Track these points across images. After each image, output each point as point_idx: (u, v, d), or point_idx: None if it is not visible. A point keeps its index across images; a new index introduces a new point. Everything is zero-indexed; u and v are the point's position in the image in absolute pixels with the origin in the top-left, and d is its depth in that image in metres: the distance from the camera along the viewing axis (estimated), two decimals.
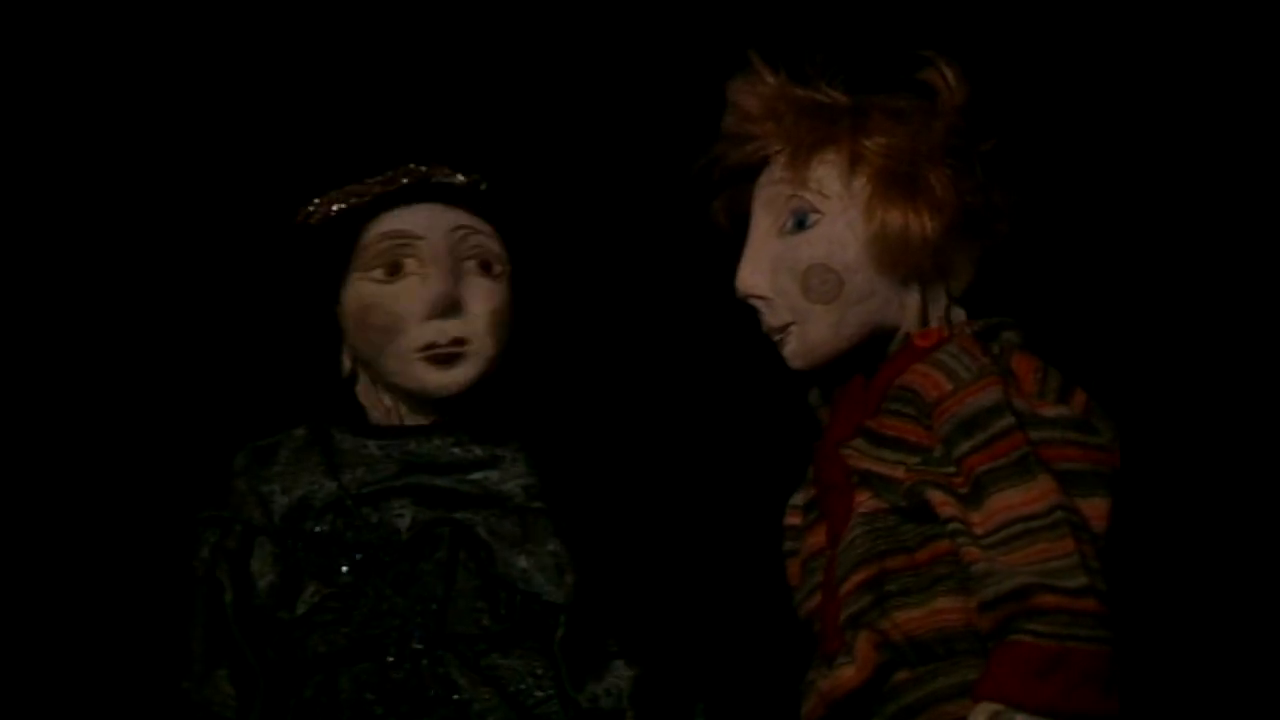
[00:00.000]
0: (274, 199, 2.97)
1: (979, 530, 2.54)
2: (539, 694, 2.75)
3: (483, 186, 2.90)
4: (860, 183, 2.70)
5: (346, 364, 2.89)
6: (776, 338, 2.75)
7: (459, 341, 2.82)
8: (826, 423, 2.79)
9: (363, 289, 2.84)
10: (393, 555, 2.77)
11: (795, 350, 2.73)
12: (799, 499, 2.82)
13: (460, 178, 2.88)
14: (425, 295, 2.80)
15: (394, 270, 2.83)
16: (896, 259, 2.69)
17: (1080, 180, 3.06)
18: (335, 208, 2.85)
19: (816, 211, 2.71)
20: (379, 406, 2.88)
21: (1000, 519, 2.53)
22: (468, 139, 3.06)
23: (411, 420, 2.87)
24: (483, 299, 2.84)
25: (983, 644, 2.54)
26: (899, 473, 2.62)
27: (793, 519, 2.82)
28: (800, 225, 2.71)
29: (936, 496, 2.58)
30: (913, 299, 2.72)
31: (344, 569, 2.77)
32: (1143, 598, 2.44)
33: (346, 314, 2.86)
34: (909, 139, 2.71)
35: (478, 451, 2.85)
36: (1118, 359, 2.77)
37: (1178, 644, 3.01)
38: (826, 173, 2.71)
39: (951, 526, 2.56)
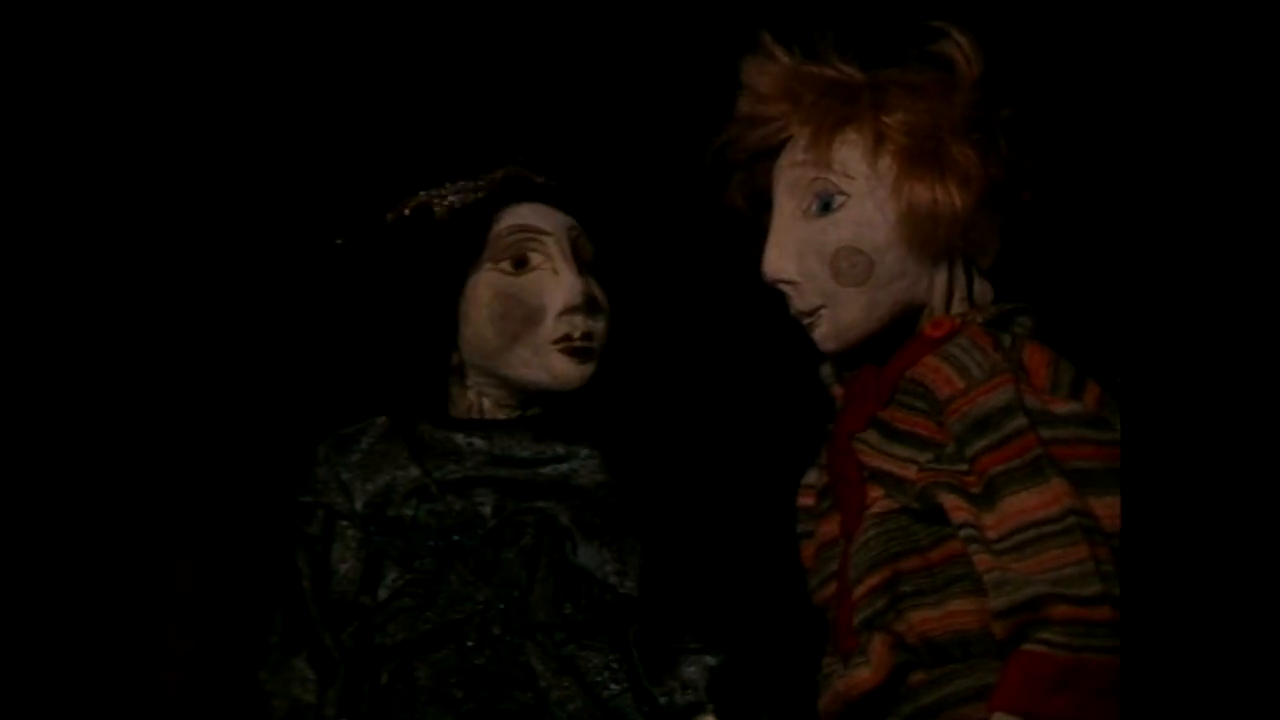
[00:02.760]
0: (357, 197, 3.00)
1: (992, 534, 2.51)
2: (614, 687, 2.76)
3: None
4: (886, 162, 2.66)
5: (456, 356, 2.90)
6: (806, 321, 2.71)
7: (588, 336, 2.86)
8: (839, 406, 2.76)
9: (496, 280, 2.86)
10: (476, 542, 2.80)
11: (826, 333, 2.70)
12: (812, 478, 2.79)
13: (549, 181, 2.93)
14: (566, 289, 2.84)
15: (520, 263, 2.86)
16: (927, 237, 2.66)
17: (1100, 153, 3.00)
18: (458, 201, 2.88)
19: (842, 193, 2.67)
20: (463, 400, 2.90)
21: (1013, 523, 2.50)
22: (540, 143, 3.07)
23: (493, 415, 2.89)
24: (603, 298, 2.89)
25: (999, 646, 2.50)
26: (910, 472, 2.58)
27: (806, 499, 2.80)
28: (826, 208, 2.67)
29: (949, 500, 2.54)
30: (941, 275, 2.69)
31: (427, 555, 2.80)
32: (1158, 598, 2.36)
33: (477, 304, 2.87)
34: (930, 114, 2.67)
35: (558, 449, 2.87)
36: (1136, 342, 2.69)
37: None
38: (850, 153, 2.67)
39: (965, 532, 2.53)
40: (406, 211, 2.89)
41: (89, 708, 3.18)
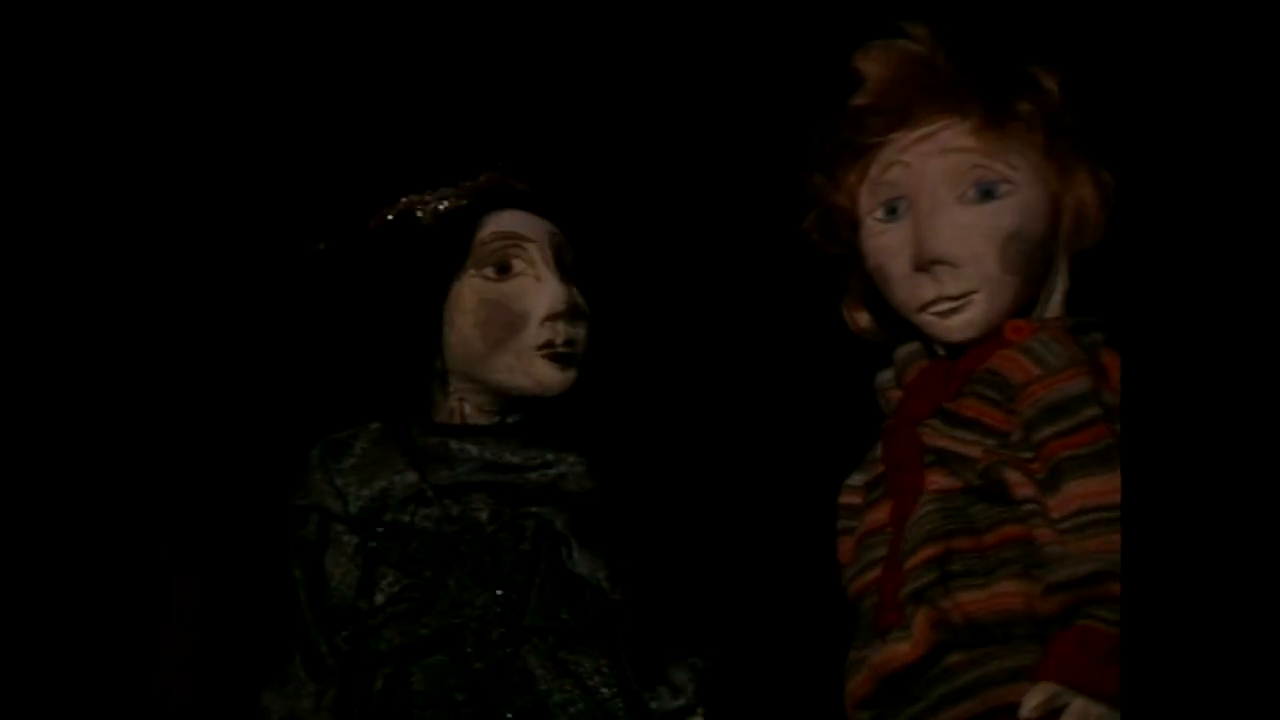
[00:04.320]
0: (340, 202, 3.03)
1: (1055, 514, 2.53)
2: (605, 691, 2.79)
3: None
4: (1039, 155, 2.70)
5: (439, 362, 2.92)
6: (944, 307, 2.71)
7: (571, 343, 2.90)
8: (896, 404, 2.78)
9: (480, 286, 2.89)
10: (473, 547, 2.82)
11: (970, 320, 2.70)
12: (858, 479, 2.80)
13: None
14: (550, 295, 2.88)
15: (503, 269, 2.89)
16: (1076, 233, 2.70)
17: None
18: (442, 206, 2.91)
19: (1007, 181, 2.69)
20: (445, 406, 2.93)
21: (1077, 505, 2.52)
22: (521, 149, 3.10)
23: (474, 421, 2.92)
24: (584, 306, 2.93)
25: (1041, 629, 2.52)
26: (976, 451, 2.60)
27: (851, 498, 2.80)
28: (989, 195, 2.69)
29: (1014, 476, 2.56)
30: (1057, 279, 2.73)
31: (424, 559, 2.82)
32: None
33: (462, 310, 2.90)
34: (1056, 111, 2.71)
35: (546, 455, 2.90)
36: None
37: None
38: (1011, 143, 2.69)
39: (1027, 507, 2.55)
40: (390, 217, 2.92)
41: (89, 711, 3.18)
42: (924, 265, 2.68)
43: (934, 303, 2.70)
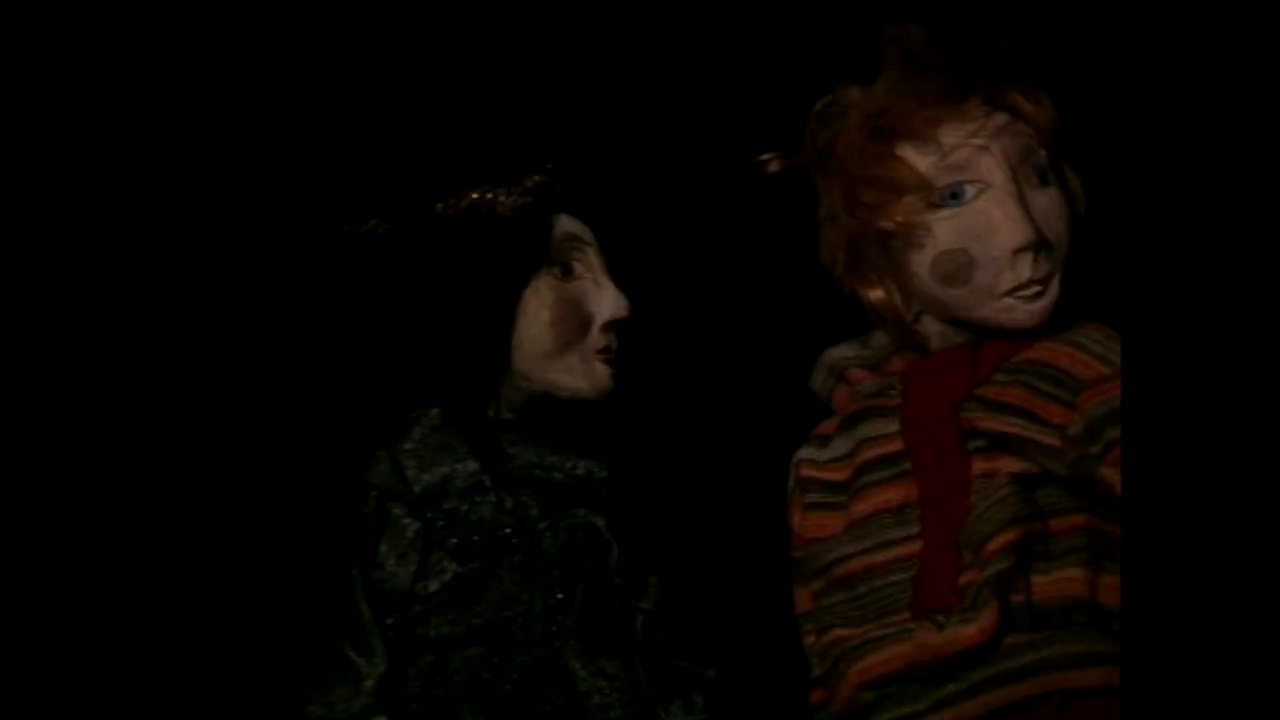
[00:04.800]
0: (389, 187, 3.02)
1: None
2: (624, 697, 2.80)
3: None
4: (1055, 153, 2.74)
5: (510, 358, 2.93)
6: (1033, 290, 2.71)
7: (617, 350, 2.93)
8: (865, 384, 2.79)
9: (553, 285, 2.89)
10: (525, 541, 2.82)
11: (1047, 306, 2.71)
12: (823, 455, 2.79)
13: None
14: (612, 302, 2.90)
15: (567, 271, 2.91)
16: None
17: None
18: (517, 201, 2.91)
19: (1052, 169, 2.73)
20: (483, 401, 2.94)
21: None
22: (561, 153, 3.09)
23: (505, 419, 2.93)
24: None
25: (1102, 618, 2.53)
26: (1054, 439, 2.59)
27: (824, 473, 2.78)
28: (1045, 181, 2.72)
29: (1115, 476, 2.53)
30: None
31: (479, 550, 2.81)
32: None
33: (539, 306, 2.89)
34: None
35: (578, 461, 2.90)
36: None
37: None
38: (1040, 136, 2.73)
39: None
40: (464, 206, 2.90)
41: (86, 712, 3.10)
42: (1035, 246, 2.68)
43: (1025, 286, 2.70)
